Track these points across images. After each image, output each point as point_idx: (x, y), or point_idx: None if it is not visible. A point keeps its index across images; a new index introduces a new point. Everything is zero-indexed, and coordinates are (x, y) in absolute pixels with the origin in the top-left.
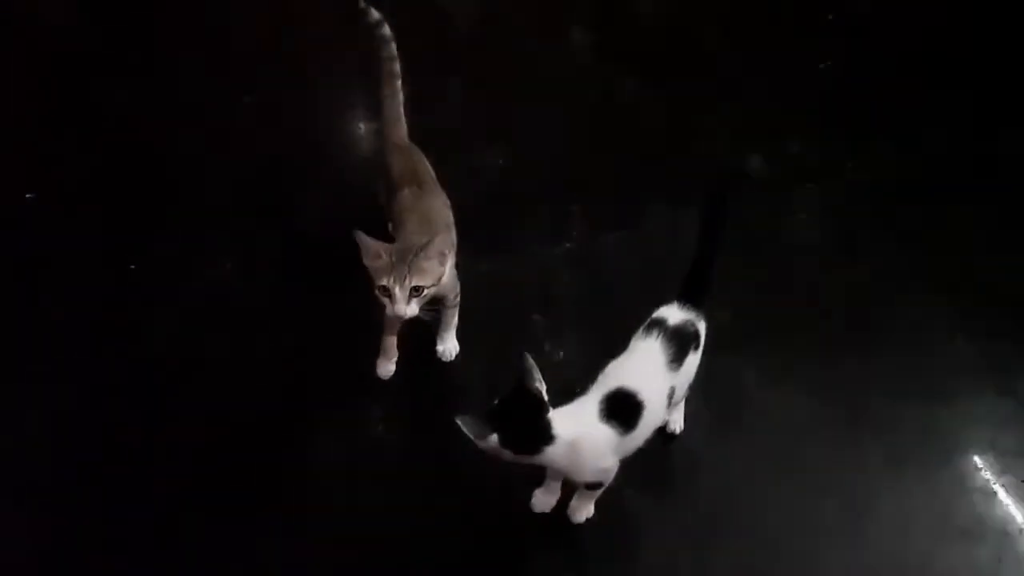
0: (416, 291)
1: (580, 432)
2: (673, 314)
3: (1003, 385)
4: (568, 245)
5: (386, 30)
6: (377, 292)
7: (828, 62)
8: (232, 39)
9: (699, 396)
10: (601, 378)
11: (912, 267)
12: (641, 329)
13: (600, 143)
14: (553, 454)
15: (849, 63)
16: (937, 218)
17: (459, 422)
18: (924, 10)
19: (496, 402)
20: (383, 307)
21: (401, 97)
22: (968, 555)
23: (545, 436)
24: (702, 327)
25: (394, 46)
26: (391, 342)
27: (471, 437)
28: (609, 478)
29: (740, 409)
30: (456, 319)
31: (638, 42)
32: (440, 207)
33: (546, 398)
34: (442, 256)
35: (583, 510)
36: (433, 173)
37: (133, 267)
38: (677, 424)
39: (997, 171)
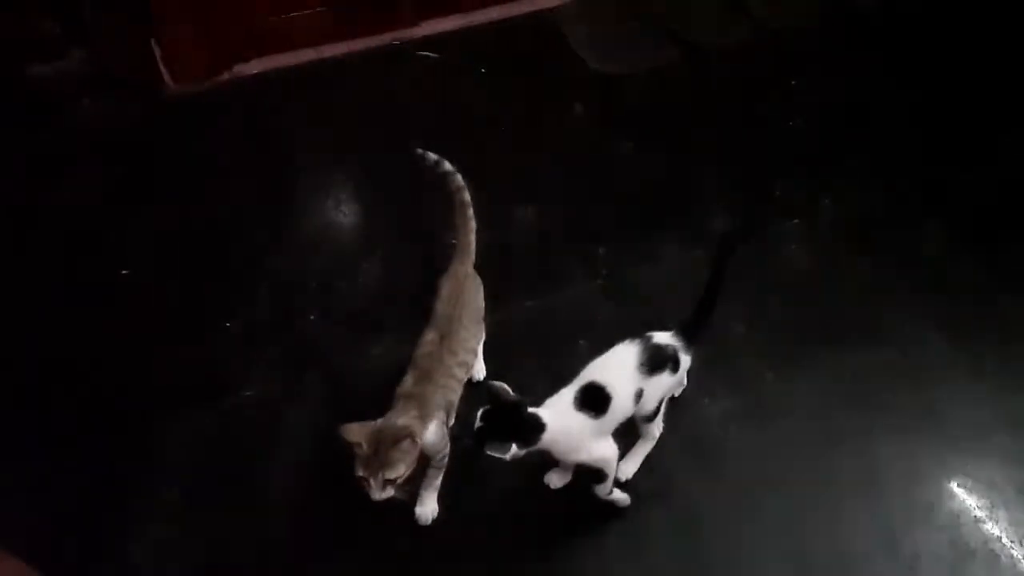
0: (390, 481)
1: (561, 416)
2: (661, 336)
3: (976, 371)
4: (600, 281)
5: (447, 166)
6: (358, 478)
7: (797, 119)
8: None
9: (729, 393)
10: (581, 373)
11: (885, 280)
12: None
13: (610, 197)
14: (550, 440)
15: (812, 120)
16: (899, 238)
17: (488, 451)
18: (869, 79)
19: (478, 424)
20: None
21: (473, 225)
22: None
23: (538, 426)
24: (685, 357)
25: (459, 177)
26: None
27: (500, 456)
28: (608, 467)
29: (762, 402)
30: (439, 481)
31: (629, 113)
32: (446, 366)
33: (520, 399)
34: (413, 444)
35: (620, 499)
36: (480, 306)
37: (228, 325)
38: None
39: (943, 195)
